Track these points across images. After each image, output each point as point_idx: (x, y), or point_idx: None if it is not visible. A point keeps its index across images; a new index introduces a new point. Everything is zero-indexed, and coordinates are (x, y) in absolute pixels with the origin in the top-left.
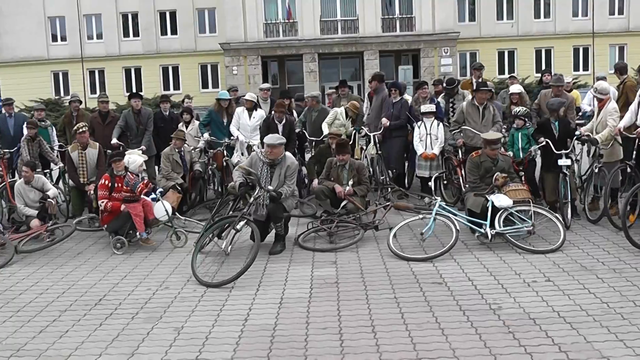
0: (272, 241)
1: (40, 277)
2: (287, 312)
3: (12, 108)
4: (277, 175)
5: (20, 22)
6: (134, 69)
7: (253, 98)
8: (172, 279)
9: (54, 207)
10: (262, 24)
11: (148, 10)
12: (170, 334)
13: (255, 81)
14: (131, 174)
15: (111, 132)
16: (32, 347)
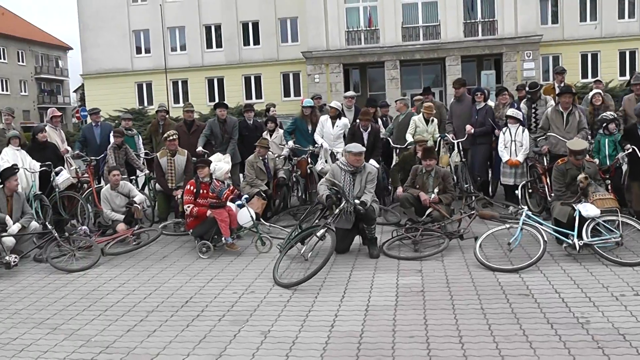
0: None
1: (127, 279)
2: (374, 320)
3: (98, 117)
4: (359, 182)
5: (105, 36)
6: (217, 79)
7: (338, 106)
8: (257, 284)
9: (139, 212)
10: (344, 32)
11: (231, 22)
12: (257, 338)
13: (337, 89)
14: (217, 181)
15: (196, 140)
16: (120, 345)
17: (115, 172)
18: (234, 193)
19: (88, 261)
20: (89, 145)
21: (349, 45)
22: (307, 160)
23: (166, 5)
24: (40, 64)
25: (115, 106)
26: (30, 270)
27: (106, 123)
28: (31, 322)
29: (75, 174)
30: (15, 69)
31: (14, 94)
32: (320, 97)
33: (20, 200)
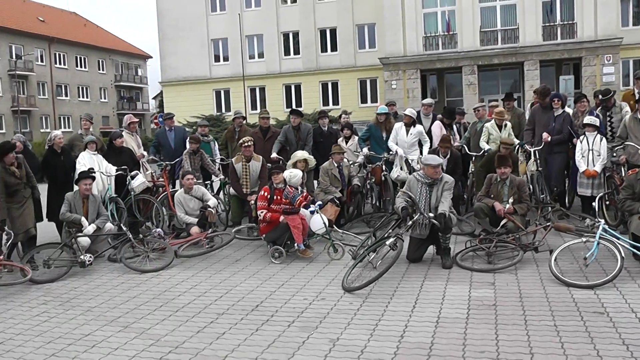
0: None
1: (198, 281)
2: (444, 332)
3: (172, 122)
4: (435, 193)
5: (184, 45)
6: (294, 85)
7: (413, 114)
8: (328, 291)
9: (213, 216)
10: (422, 37)
11: (309, 29)
12: (325, 345)
13: (414, 95)
14: (290, 187)
15: (271, 146)
16: (189, 345)
17: (189, 176)
18: (308, 199)
19: (161, 262)
20: (163, 149)
21: (427, 50)
22: (382, 167)
23: (245, 14)
24: (120, 72)
25: (193, 112)
26: (104, 269)
27: (180, 127)
28: (103, 319)
29: (151, 178)
30: (95, 77)
31: (94, 101)
32: (394, 103)
33: (95, 202)
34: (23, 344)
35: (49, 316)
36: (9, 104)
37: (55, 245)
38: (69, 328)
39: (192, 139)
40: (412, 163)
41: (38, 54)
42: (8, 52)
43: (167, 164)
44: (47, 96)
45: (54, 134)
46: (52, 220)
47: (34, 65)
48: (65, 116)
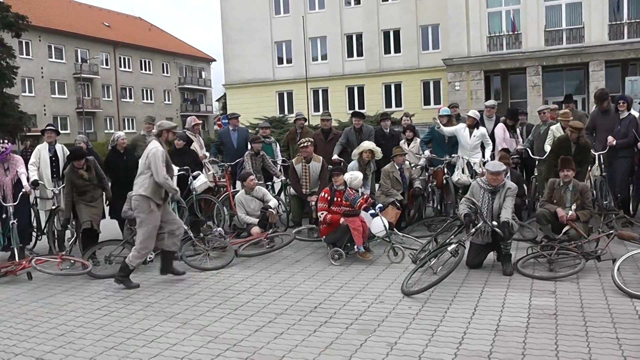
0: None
1: (257, 280)
2: (503, 341)
3: (237, 122)
4: (498, 200)
5: (247, 48)
6: (357, 87)
7: (476, 116)
8: (387, 294)
9: (274, 216)
10: (486, 37)
11: (372, 30)
12: (383, 349)
13: (478, 97)
14: (351, 189)
15: (332, 148)
16: (247, 344)
17: (251, 177)
18: (368, 202)
19: (221, 261)
20: (226, 149)
21: (491, 51)
22: (444, 170)
23: (308, 17)
24: (184, 75)
25: (255, 114)
26: None
27: (243, 128)
28: (163, 315)
29: (213, 179)
30: (160, 80)
31: (158, 103)
32: (457, 105)
33: None
34: (83, 336)
35: (109, 310)
36: (74, 105)
37: (117, 242)
38: (129, 322)
39: (254, 140)
40: (474, 166)
41: (103, 58)
42: (74, 56)
43: (228, 165)
44: (112, 98)
45: (117, 135)
46: (114, 218)
47: (99, 68)
48: (129, 117)
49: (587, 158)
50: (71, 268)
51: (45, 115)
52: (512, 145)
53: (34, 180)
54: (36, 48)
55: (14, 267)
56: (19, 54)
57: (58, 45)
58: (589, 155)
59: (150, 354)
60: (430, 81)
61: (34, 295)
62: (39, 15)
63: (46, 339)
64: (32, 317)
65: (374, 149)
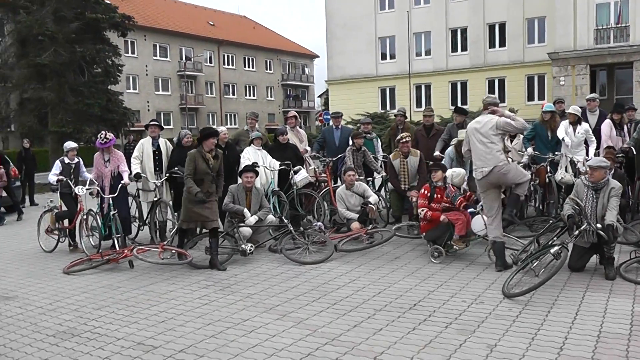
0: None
1: (357, 276)
2: (605, 348)
3: (339, 120)
4: (602, 199)
5: (351, 44)
6: (460, 82)
7: (577, 112)
8: (487, 294)
9: (374, 212)
10: (593, 30)
11: (478, 24)
12: (482, 350)
13: (583, 92)
14: (452, 187)
15: (434, 144)
16: (346, 338)
17: (351, 172)
18: (470, 200)
19: (321, 255)
20: (328, 146)
21: (597, 44)
22: (546, 168)
23: (413, 12)
24: (287, 71)
25: (357, 110)
26: (265, 259)
27: (346, 127)
28: (262, 306)
29: (314, 173)
30: (263, 76)
31: (260, 99)
32: (563, 100)
33: (258, 195)
34: (184, 324)
35: (209, 300)
36: (177, 102)
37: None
38: (229, 312)
39: (356, 135)
40: (578, 164)
41: (207, 56)
42: (178, 54)
43: (330, 160)
44: (215, 95)
45: (219, 129)
46: None
47: (203, 66)
48: (231, 113)
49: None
50: (172, 258)
51: (148, 111)
52: (618, 144)
53: (136, 173)
54: (141, 47)
55: (117, 255)
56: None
57: (163, 44)
58: None
59: (249, 344)
60: (534, 76)
61: (135, 283)
62: (145, 15)
63: (147, 325)
64: (133, 304)
65: None
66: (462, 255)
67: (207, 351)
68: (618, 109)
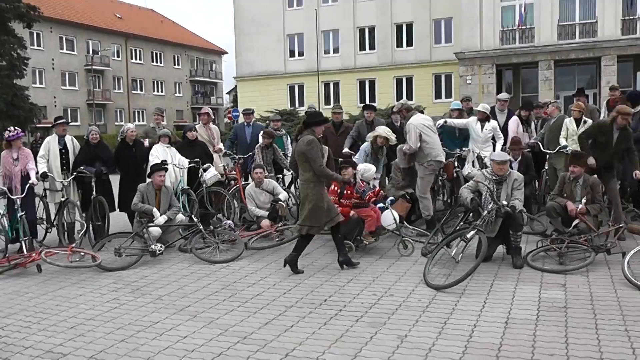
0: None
1: (267, 273)
2: (513, 334)
3: (250, 117)
4: (505, 191)
5: (260, 40)
6: (368, 80)
7: (486, 109)
8: (397, 287)
9: (284, 209)
10: (499, 31)
11: (385, 24)
12: (393, 342)
13: (489, 90)
14: (362, 182)
15: (343, 141)
16: (257, 336)
17: (259, 169)
18: (379, 195)
19: (231, 254)
20: (240, 143)
21: (503, 45)
22: (454, 163)
23: (321, 9)
24: (195, 67)
25: (266, 107)
26: (175, 259)
27: (257, 123)
28: (172, 308)
29: (223, 171)
30: (171, 72)
31: (169, 95)
32: (470, 99)
33: (167, 194)
34: (94, 329)
35: (119, 303)
36: (85, 97)
37: (127, 234)
38: (139, 315)
39: (265, 133)
40: (485, 160)
41: (115, 50)
42: (85, 48)
43: (240, 158)
44: (123, 90)
45: (126, 127)
46: (123, 211)
47: (110, 60)
48: (139, 110)
49: (630, 145)
50: (81, 260)
51: (55, 107)
52: (525, 140)
53: (42, 173)
54: (47, 39)
55: (24, 259)
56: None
57: (69, 37)
58: (630, 142)
59: (161, 347)
60: (442, 75)
61: (43, 288)
62: (51, 6)
63: (56, 331)
64: (41, 310)
65: (388, 136)
66: (371, 250)
67: (117, 356)
68: (527, 107)
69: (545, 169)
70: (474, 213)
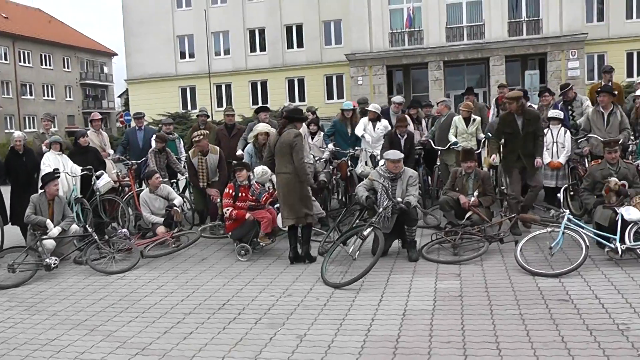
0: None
1: (165, 281)
2: (410, 324)
3: (142, 122)
4: (400, 187)
5: (149, 41)
6: (260, 82)
7: (376, 109)
8: (295, 287)
9: (179, 215)
10: (388, 33)
11: (275, 25)
12: (292, 341)
13: (380, 91)
14: (257, 184)
15: (236, 143)
16: (156, 346)
17: (155, 175)
18: (274, 196)
19: (127, 263)
20: (132, 148)
21: (393, 46)
22: (347, 163)
23: (210, 11)
24: (86, 70)
25: (158, 110)
26: (70, 272)
27: (149, 127)
28: (69, 323)
29: (116, 178)
30: (60, 75)
31: (59, 100)
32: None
33: (61, 204)
34: None
35: (14, 322)
36: None
37: (20, 248)
38: (35, 333)
39: (158, 137)
40: (378, 158)
41: (2, 52)
42: None
43: (133, 163)
44: (12, 95)
45: (15, 134)
46: (16, 224)
47: None
48: (30, 116)
49: (539, 127)
50: None
51: None
52: (416, 137)
53: None
54: None
55: None
56: None
57: None
58: (539, 123)
59: None
60: (333, 76)
61: None
62: None
63: None
64: None
65: (269, 130)
66: (268, 251)
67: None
68: (414, 105)
69: (437, 165)
70: (370, 210)
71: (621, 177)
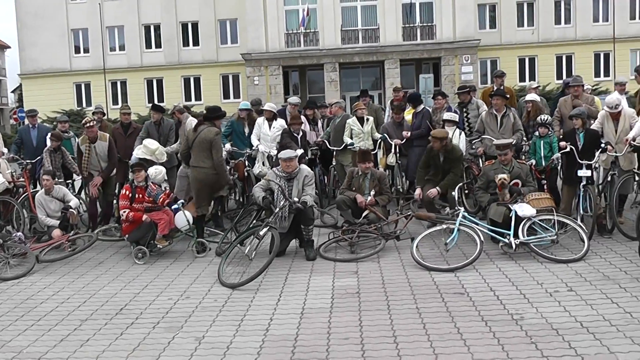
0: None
1: (61, 287)
2: (309, 323)
3: (35, 119)
4: (296, 187)
5: (43, 35)
6: (156, 80)
7: (272, 108)
8: (193, 289)
9: (75, 217)
10: (284, 34)
11: (170, 22)
12: (191, 344)
13: (277, 91)
14: (153, 185)
15: (133, 142)
16: (52, 355)
17: (47, 176)
18: (170, 197)
19: (22, 269)
20: (26, 147)
21: (289, 47)
22: (245, 163)
23: (105, 4)
24: None
25: (53, 107)
26: None
27: (43, 125)
28: None
29: (11, 178)
30: None
31: None
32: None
33: None
34: None
35: None
36: None
37: None
38: None
39: (53, 136)
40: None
41: None
42: None
43: (27, 163)
44: None
45: None
46: None
47: None
48: None
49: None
50: None
51: None
52: (312, 138)
53: None
54: None
55: None
56: None
57: None
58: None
59: None
60: (229, 75)
61: None
62: None
63: None
64: None
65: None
66: (166, 253)
67: None
68: (310, 105)
69: (333, 165)
70: (267, 211)
71: (514, 177)
